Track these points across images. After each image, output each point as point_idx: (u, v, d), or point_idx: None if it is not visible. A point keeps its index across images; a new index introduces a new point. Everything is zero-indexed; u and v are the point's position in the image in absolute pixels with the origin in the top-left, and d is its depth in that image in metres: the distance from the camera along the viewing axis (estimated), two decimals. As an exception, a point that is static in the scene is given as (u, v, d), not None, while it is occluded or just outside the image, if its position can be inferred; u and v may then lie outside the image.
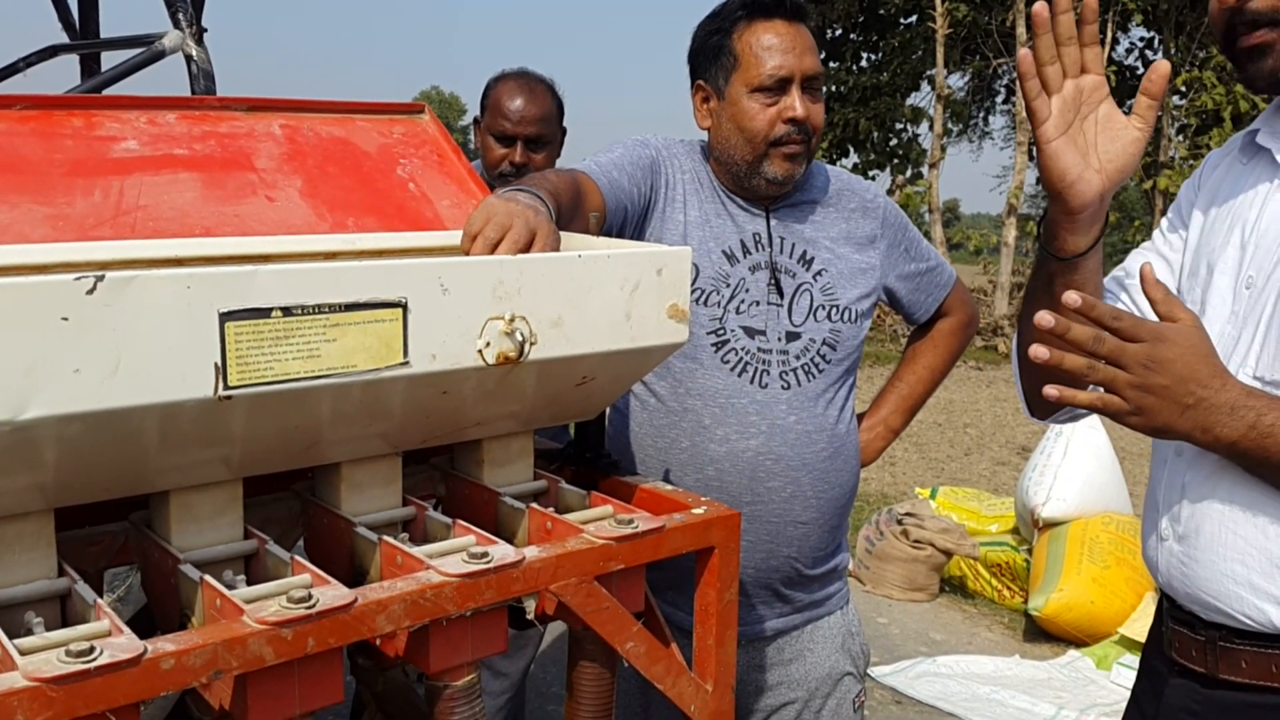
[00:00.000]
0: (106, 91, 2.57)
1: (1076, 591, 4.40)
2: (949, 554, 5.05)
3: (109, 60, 2.98)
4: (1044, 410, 1.56)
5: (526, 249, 1.30)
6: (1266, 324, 1.32)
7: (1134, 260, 1.58)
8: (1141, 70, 20.29)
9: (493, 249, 1.28)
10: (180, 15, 2.59)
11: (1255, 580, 1.31)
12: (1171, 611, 1.44)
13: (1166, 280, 1.51)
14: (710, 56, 1.94)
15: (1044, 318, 1.26)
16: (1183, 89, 17.59)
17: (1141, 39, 20.02)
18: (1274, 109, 1.42)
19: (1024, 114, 16.65)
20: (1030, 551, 4.98)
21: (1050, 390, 1.26)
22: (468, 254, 1.30)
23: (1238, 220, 1.42)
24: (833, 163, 19.28)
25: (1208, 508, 1.36)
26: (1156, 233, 1.61)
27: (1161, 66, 1.30)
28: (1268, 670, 1.31)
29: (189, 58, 2.57)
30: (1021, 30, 16.85)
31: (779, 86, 1.87)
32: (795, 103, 1.86)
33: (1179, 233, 1.55)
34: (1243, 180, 1.45)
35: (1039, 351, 1.26)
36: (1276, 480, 1.28)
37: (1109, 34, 17.47)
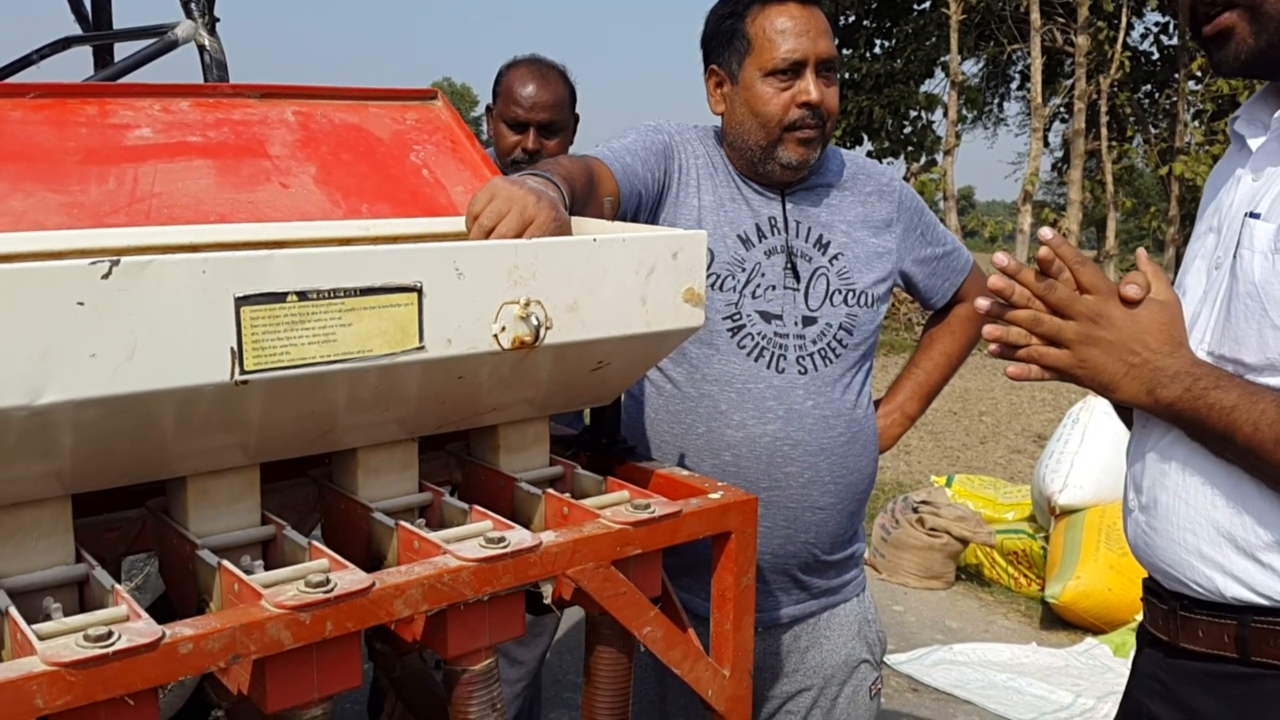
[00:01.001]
0: (120, 82, 2.57)
1: (1093, 579, 4.39)
2: (965, 542, 5.04)
3: (122, 51, 2.98)
4: None
5: (520, 236, 1.29)
6: (1222, 301, 1.34)
7: None
8: (1157, 55, 20.15)
9: (487, 235, 1.29)
10: (192, 5, 2.60)
11: (1204, 549, 1.32)
12: (1145, 581, 1.47)
13: None
14: (724, 41, 1.92)
15: (1000, 258, 1.36)
16: (1198, 74, 17.45)
17: (1156, 24, 19.88)
18: (1260, 95, 1.43)
19: (1039, 100, 16.46)
20: (1047, 539, 4.96)
21: (993, 346, 1.35)
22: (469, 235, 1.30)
23: (1216, 206, 1.44)
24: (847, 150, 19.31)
25: (1164, 478, 1.38)
26: None
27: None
28: (1221, 640, 1.32)
29: (201, 47, 2.58)
30: (1036, 16, 16.76)
31: (793, 70, 1.85)
32: (810, 86, 1.85)
33: None
34: (1227, 167, 1.47)
35: (981, 302, 1.35)
36: (1217, 448, 1.29)
37: (1124, 19, 17.34)
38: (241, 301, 1.01)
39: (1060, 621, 4.58)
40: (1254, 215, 1.31)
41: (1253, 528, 1.28)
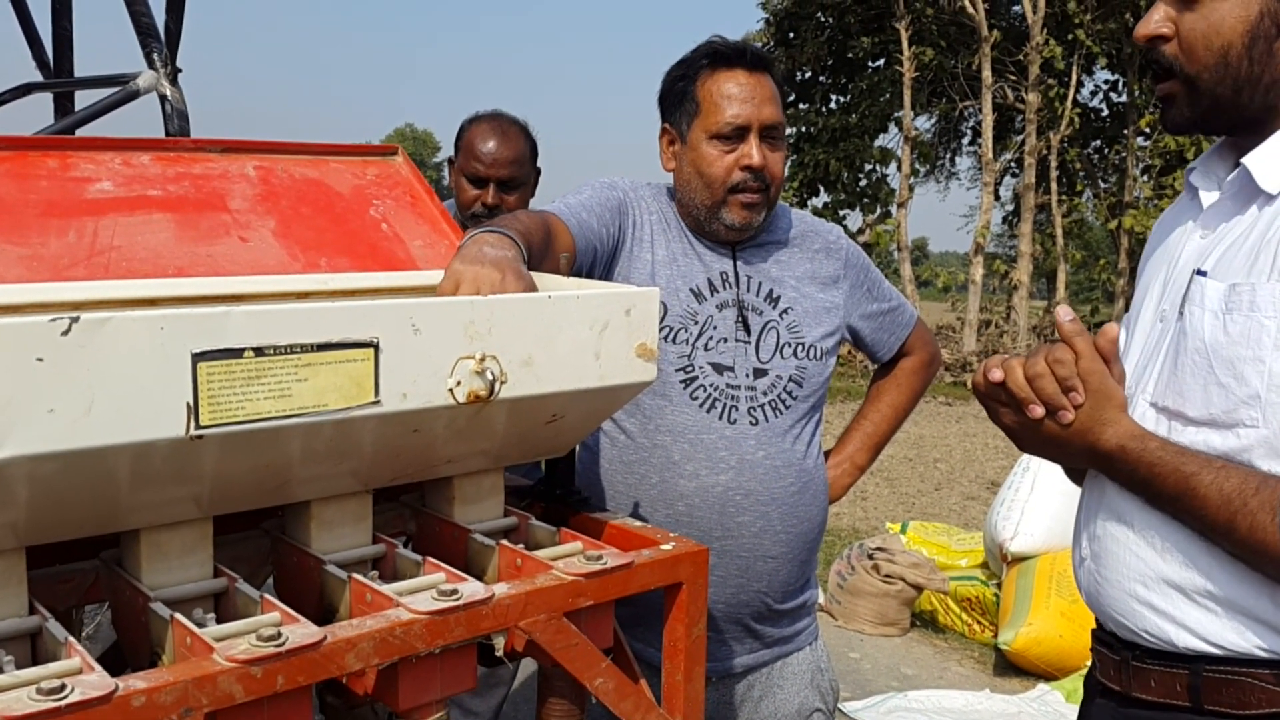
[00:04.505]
0: (80, 131, 2.58)
1: (1045, 625, 4.43)
2: (919, 588, 5.07)
3: (83, 100, 2.99)
4: None
5: None
6: (1166, 353, 1.37)
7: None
8: (1106, 112, 20.65)
9: None
10: (155, 55, 2.62)
11: (1154, 601, 1.35)
12: (1095, 631, 1.49)
13: None
14: (675, 101, 1.98)
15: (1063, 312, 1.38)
16: (1147, 130, 17.91)
17: (1106, 81, 20.40)
18: (1217, 148, 1.48)
19: (990, 155, 16.67)
20: (1000, 586, 5.01)
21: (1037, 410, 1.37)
22: None
23: (1166, 256, 1.48)
24: (803, 202, 19.55)
25: (1114, 529, 1.41)
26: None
27: (1109, 331, 1.37)
28: (1174, 689, 1.34)
29: (163, 97, 2.59)
30: (987, 74, 17.14)
31: (737, 134, 1.91)
32: (753, 151, 1.90)
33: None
34: (1179, 218, 1.51)
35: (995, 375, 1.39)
36: (1166, 508, 1.33)
37: (1074, 76, 17.79)
38: (199, 357, 1.02)
39: (1013, 668, 4.62)
40: (1201, 273, 1.34)
41: (1201, 579, 1.31)
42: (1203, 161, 1.48)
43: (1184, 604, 1.32)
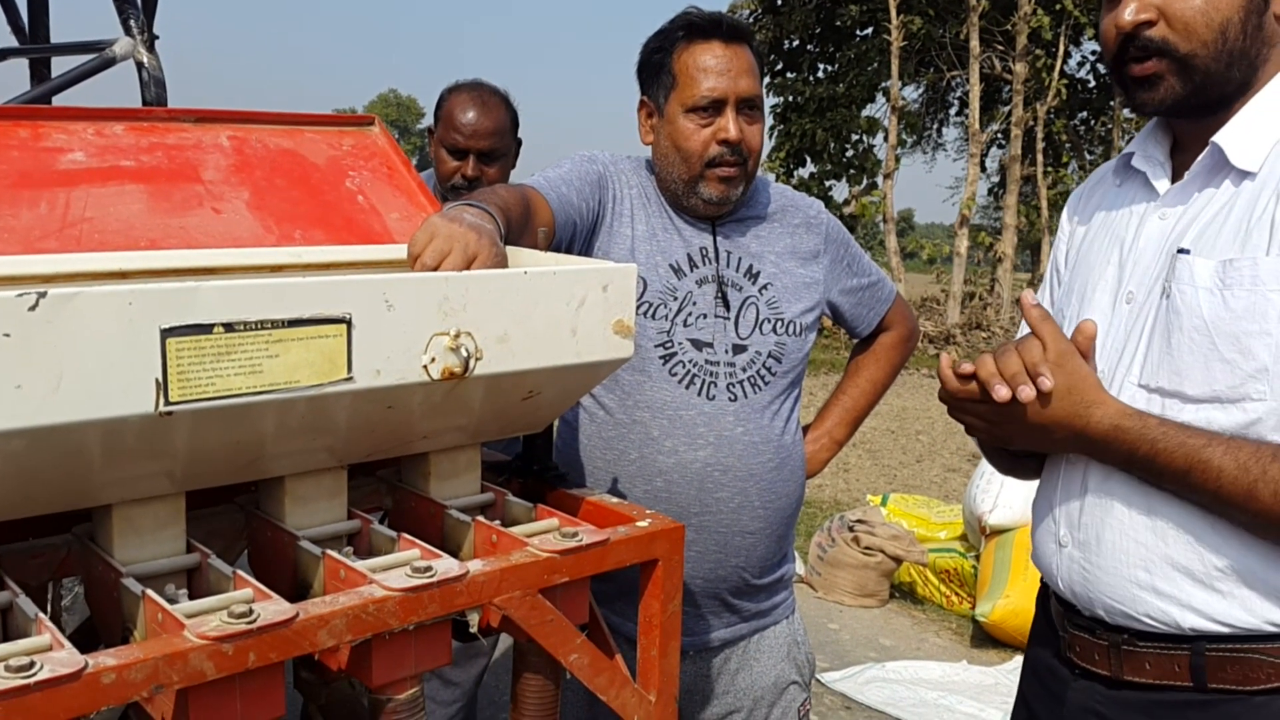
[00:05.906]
0: (57, 98, 2.55)
1: (1022, 598, 4.47)
2: (899, 560, 5.11)
3: (60, 66, 2.95)
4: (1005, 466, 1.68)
5: None
6: (1149, 335, 1.38)
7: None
8: (1093, 83, 20.64)
9: None
10: (132, 22, 2.59)
11: (1159, 585, 1.35)
12: (1070, 617, 1.48)
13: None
14: (652, 73, 1.96)
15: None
16: (1132, 103, 17.89)
17: (1093, 52, 20.36)
18: (1148, 132, 1.50)
19: (977, 126, 16.60)
20: (978, 558, 5.05)
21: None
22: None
23: (1115, 240, 1.48)
24: (789, 172, 19.50)
25: (1107, 515, 1.40)
26: (1043, 280, 1.70)
27: (1087, 328, 1.39)
28: (1171, 670, 1.35)
29: (140, 65, 2.57)
30: (975, 44, 17.08)
31: (713, 107, 1.89)
32: (729, 124, 1.89)
33: (1058, 270, 1.65)
34: (1118, 202, 1.52)
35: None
36: (1169, 485, 1.33)
37: (1061, 47, 17.75)
38: (167, 333, 1.01)
39: (990, 640, 4.67)
40: (1185, 251, 1.35)
41: (1208, 558, 1.31)
42: (1141, 146, 1.49)
43: (1189, 586, 1.32)
